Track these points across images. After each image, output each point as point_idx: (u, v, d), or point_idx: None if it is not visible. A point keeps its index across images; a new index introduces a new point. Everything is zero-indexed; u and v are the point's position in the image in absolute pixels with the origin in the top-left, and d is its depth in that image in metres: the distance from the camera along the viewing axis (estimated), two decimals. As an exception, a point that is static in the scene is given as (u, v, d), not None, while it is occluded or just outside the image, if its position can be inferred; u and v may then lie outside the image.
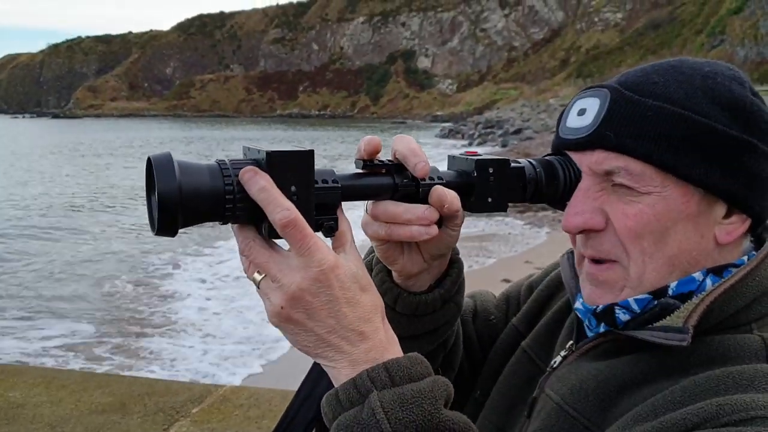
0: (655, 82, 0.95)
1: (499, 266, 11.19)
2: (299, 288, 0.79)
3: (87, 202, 21.84)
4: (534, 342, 1.21)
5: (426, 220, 0.92)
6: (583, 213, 0.97)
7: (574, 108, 1.01)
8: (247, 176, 0.79)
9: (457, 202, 0.94)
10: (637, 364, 0.95)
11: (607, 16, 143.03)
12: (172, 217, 0.76)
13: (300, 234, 0.78)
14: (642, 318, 0.97)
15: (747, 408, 0.80)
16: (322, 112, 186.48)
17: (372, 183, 0.92)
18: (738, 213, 0.96)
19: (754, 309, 0.93)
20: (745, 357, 0.89)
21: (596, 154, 0.95)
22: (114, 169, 31.32)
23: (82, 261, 13.81)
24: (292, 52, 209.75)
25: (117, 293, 11.40)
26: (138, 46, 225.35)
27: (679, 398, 0.86)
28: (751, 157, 0.93)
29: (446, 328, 1.14)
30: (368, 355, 0.82)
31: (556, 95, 74.43)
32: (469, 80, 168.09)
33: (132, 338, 8.98)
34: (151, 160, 0.78)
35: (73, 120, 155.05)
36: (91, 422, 4.27)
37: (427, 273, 1.07)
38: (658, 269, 0.95)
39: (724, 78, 0.96)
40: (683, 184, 0.92)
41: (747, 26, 68.03)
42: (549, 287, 1.28)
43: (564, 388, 1.02)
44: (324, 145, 52.83)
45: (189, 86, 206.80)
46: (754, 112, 0.94)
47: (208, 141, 62.14)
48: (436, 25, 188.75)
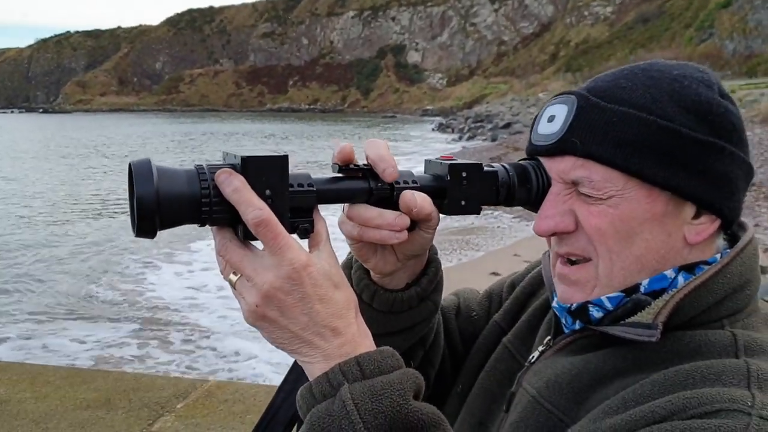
0: (622, 87, 0.97)
1: (488, 259, 11.21)
2: (272, 286, 0.81)
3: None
4: (515, 338, 1.23)
5: (396, 226, 0.95)
6: (553, 217, 1.00)
7: (545, 114, 1.03)
8: (222, 178, 0.80)
9: (427, 205, 0.96)
10: (611, 359, 0.97)
11: (597, 10, 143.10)
12: (150, 220, 0.79)
13: (272, 233, 0.80)
14: (615, 314, 0.99)
15: (713, 401, 0.81)
16: (312, 106, 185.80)
17: (347, 187, 0.94)
18: (707, 214, 0.97)
19: (726, 305, 0.95)
20: (714, 352, 0.91)
21: (564, 162, 0.98)
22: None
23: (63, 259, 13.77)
24: (281, 46, 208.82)
25: (100, 290, 11.36)
26: (127, 40, 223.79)
27: (648, 391, 0.88)
28: (717, 158, 0.94)
29: (423, 326, 1.16)
30: (341, 350, 0.84)
31: (546, 89, 74.47)
32: (459, 74, 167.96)
33: (119, 333, 8.95)
34: (131, 165, 0.80)
35: (62, 115, 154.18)
36: (75, 418, 4.27)
37: (403, 272, 1.10)
38: (626, 268, 0.97)
39: (692, 81, 0.97)
40: (648, 186, 0.94)
41: (735, 20, 68.21)
42: (530, 285, 1.30)
43: (540, 382, 1.04)
44: (311, 141, 52.57)
45: (178, 81, 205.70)
46: (720, 114, 0.95)
47: (201, 136, 61.78)
48: (426, 20, 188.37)
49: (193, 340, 8.67)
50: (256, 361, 7.70)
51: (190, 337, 8.79)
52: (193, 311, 9.93)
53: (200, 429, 4.15)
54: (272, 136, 61.48)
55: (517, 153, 26.62)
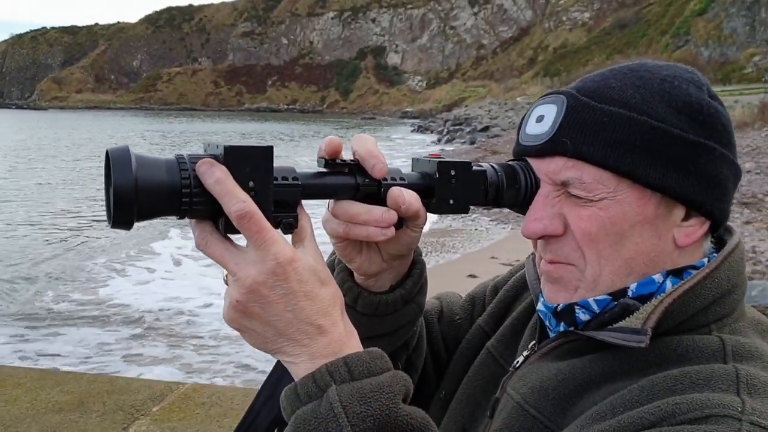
0: (612, 86, 0.96)
1: (465, 261, 11.22)
2: (255, 281, 0.79)
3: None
4: (499, 342, 1.22)
5: (384, 222, 0.92)
6: (542, 219, 0.98)
7: (533, 114, 1.02)
8: (203, 168, 0.78)
9: (416, 203, 0.94)
10: (597, 364, 0.96)
11: (575, 16, 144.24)
12: (128, 211, 0.76)
13: (256, 227, 0.78)
14: (602, 319, 0.98)
15: (702, 407, 0.81)
16: (291, 106, 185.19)
17: (333, 182, 0.92)
18: (697, 216, 0.96)
19: (713, 310, 0.94)
20: (703, 357, 0.90)
21: (554, 162, 0.96)
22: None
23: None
24: (261, 45, 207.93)
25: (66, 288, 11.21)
26: (105, 38, 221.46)
27: (636, 397, 0.87)
28: (708, 159, 0.94)
29: (407, 328, 1.14)
30: (327, 349, 0.82)
31: (524, 93, 74.89)
32: (438, 77, 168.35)
33: (90, 334, 8.84)
34: (108, 153, 0.77)
35: (38, 112, 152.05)
36: (47, 421, 4.19)
37: (388, 273, 1.07)
38: (615, 271, 0.96)
39: (682, 81, 0.96)
40: (639, 188, 0.93)
41: (711, 27, 69.18)
42: (514, 288, 1.29)
43: (525, 387, 1.03)
44: (292, 142, 52.39)
45: (156, 79, 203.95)
46: (711, 115, 0.95)
47: (180, 135, 61.23)
48: (406, 22, 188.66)
49: (171, 344, 8.57)
50: (233, 366, 7.64)
51: (164, 341, 8.69)
52: (167, 314, 9.82)
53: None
54: (254, 135, 61.12)
55: (495, 156, 26.73)
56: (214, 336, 8.56)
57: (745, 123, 24.93)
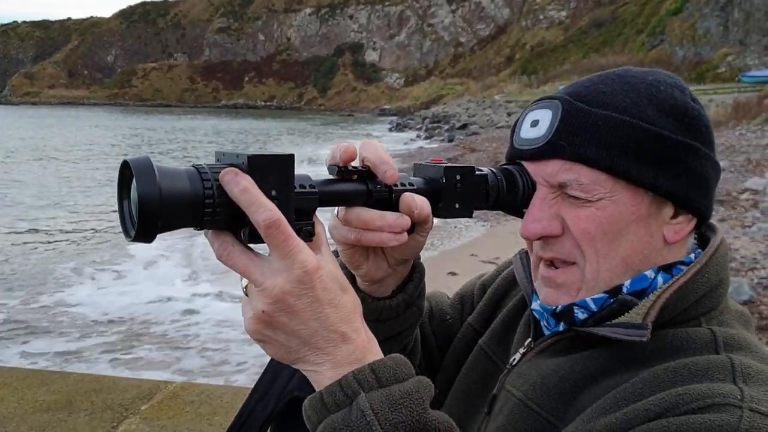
0: (603, 91, 0.99)
1: (444, 258, 11.26)
2: (282, 291, 0.78)
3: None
4: (490, 340, 1.24)
5: (398, 227, 0.93)
6: (540, 220, 1.00)
7: (527, 119, 1.04)
8: (228, 177, 0.77)
9: (427, 207, 0.96)
10: (596, 359, 0.98)
11: (552, 14, 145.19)
12: (153, 223, 0.74)
13: (283, 235, 0.77)
14: (600, 315, 1.00)
15: (704, 396, 0.83)
16: (268, 103, 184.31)
17: (347, 189, 0.92)
18: (684, 213, 1.01)
19: (703, 303, 0.98)
20: (697, 349, 0.93)
21: (551, 165, 0.99)
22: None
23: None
24: (237, 41, 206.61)
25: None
26: (78, 32, 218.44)
27: (639, 390, 0.89)
28: (695, 159, 0.98)
29: (408, 332, 1.16)
30: (352, 356, 0.81)
31: (502, 91, 75.23)
32: (416, 75, 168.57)
33: (79, 333, 8.77)
34: (129, 163, 0.76)
35: (8, 107, 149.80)
36: (35, 421, 4.16)
37: (392, 278, 1.09)
38: (612, 269, 0.99)
39: (667, 86, 1.00)
40: (633, 188, 0.97)
41: (686, 27, 69.87)
42: (502, 286, 1.31)
43: (526, 384, 1.04)
44: (275, 140, 52.11)
45: (131, 75, 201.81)
46: (695, 117, 0.99)
47: (148, 132, 60.56)
48: (384, 19, 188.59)
49: (158, 343, 8.54)
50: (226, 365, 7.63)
51: (154, 341, 8.65)
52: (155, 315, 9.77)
53: (166, 431, 4.10)
54: (224, 133, 60.63)
55: (474, 154, 26.83)
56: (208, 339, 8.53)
57: (719, 122, 25.30)
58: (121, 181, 0.78)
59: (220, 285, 10.46)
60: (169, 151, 38.34)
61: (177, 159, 33.60)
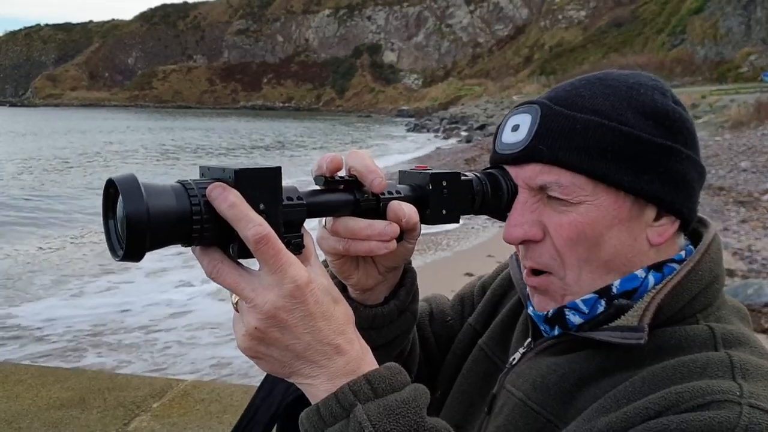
0: (582, 95, 1.00)
1: (460, 259, 11.22)
2: (274, 306, 0.78)
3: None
4: (490, 340, 1.24)
5: (386, 236, 0.93)
6: (522, 225, 1.01)
7: (508, 124, 1.04)
8: (215, 193, 0.76)
9: (415, 215, 0.95)
10: (595, 358, 0.99)
11: (571, 14, 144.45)
12: (142, 241, 0.73)
13: (273, 250, 0.77)
14: (597, 320, 1.01)
15: (704, 393, 0.84)
16: (286, 104, 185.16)
17: (334, 199, 0.92)
18: (667, 215, 1.01)
19: (699, 301, 0.98)
20: (695, 346, 0.94)
21: (530, 168, 0.99)
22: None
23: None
24: (256, 43, 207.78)
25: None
26: (99, 35, 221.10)
27: (639, 388, 0.90)
28: (675, 161, 0.98)
29: (403, 337, 1.15)
30: (346, 368, 0.81)
31: (520, 92, 75.03)
32: (434, 75, 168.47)
33: (92, 333, 8.84)
34: (114, 182, 0.75)
35: (30, 109, 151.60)
36: (49, 417, 4.20)
37: (382, 285, 1.08)
38: (593, 273, 1.00)
39: (647, 89, 1.00)
40: (614, 191, 0.97)
41: (707, 26, 69.22)
42: (501, 286, 1.32)
43: (526, 384, 1.05)
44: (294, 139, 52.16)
45: (151, 77, 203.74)
46: (676, 120, 0.99)
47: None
48: (402, 20, 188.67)
49: (168, 345, 8.58)
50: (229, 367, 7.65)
51: (165, 340, 8.70)
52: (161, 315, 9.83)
53: (177, 429, 4.11)
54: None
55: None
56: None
57: (741, 122, 25.01)
58: (105, 199, 0.77)
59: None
60: (231, 150, 38.27)
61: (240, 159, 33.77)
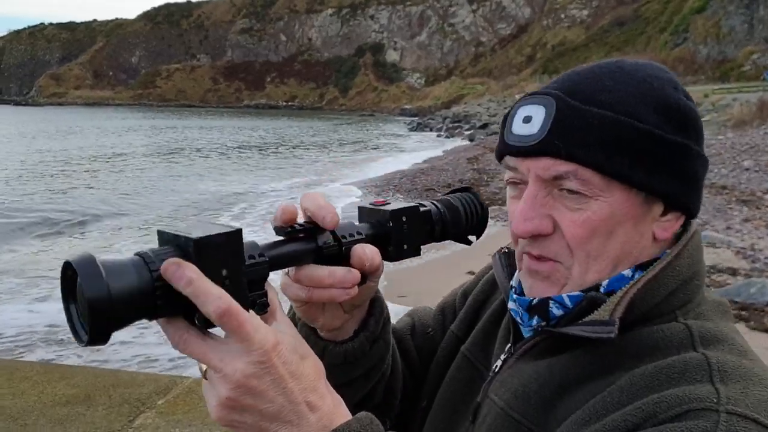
0: (596, 88, 0.98)
1: (460, 257, 11.23)
2: (243, 374, 0.77)
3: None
4: (473, 346, 1.23)
5: (348, 283, 0.93)
6: (533, 219, 0.99)
7: (519, 115, 1.02)
8: (170, 271, 0.74)
9: (378, 257, 0.96)
10: (574, 364, 0.98)
11: (573, 13, 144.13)
12: (107, 324, 0.71)
13: (237, 321, 0.76)
14: (572, 314, 1.00)
15: (681, 402, 0.83)
16: (290, 103, 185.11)
17: (296, 249, 0.91)
18: (673, 211, 1.00)
19: (677, 297, 0.98)
20: (672, 347, 0.93)
21: (543, 161, 0.97)
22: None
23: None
24: (259, 42, 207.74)
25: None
26: (103, 34, 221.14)
27: (618, 399, 0.89)
28: (686, 158, 0.98)
29: (379, 365, 1.15)
30: (319, 424, 0.82)
31: (522, 91, 74.69)
32: (437, 74, 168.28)
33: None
34: (71, 264, 0.72)
35: (35, 108, 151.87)
36: (54, 414, 4.25)
37: (350, 322, 1.09)
38: (601, 269, 0.99)
39: (660, 82, 0.99)
40: (627, 188, 0.96)
41: (709, 25, 69.01)
42: (483, 291, 1.31)
43: (507, 392, 1.04)
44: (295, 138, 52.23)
45: (155, 75, 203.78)
46: (687, 115, 0.99)
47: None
48: (405, 19, 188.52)
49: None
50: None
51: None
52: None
53: (181, 425, 4.16)
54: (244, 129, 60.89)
55: (494, 154, 26.68)
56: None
57: (744, 121, 24.99)
58: (64, 282, 0.75)
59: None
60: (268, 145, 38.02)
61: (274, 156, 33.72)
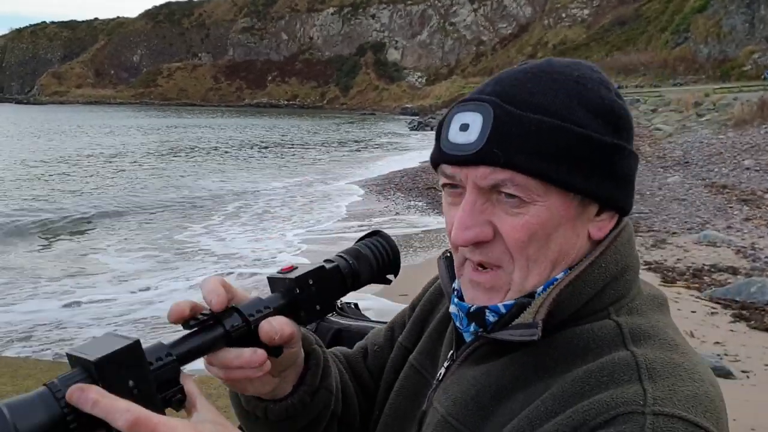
0: (531, 91, 0.98)
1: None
2: None
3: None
4: (419, 354, 1.24)
5: (255, 362, 0.93)
6: (472, 227, 0.98)
7: (455, 122, 1.01)
8: (75, 397, 0.75)
9: (287, 328, 0.96)
10: (509, 368, 0.99)
11: (574, 12, 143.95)
12: None
13: (147, 428, 0.76)
14: (504, 319, 1.01)
15: (609, 408, 0.84)
16: (291, 102, 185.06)
17: (204, 340, 0.92)
18: (608, 210, 1.02)
19: (608, 293, 0.98)
20: (604, 347, 0.93)
21: (481, 169, 0.97)
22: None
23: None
24: (261, 41, 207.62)
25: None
26: (104, 33, 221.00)
27: (551, 407, 0.89)
28: (621, 159, 0.99)
29: (324, 412, 1.17)
30: None
31: (524, 90, 74.54)
32: (438, 73, 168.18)
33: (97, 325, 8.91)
34: None
35: (37, 106, 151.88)
36: (58, 411, 4.27)
37: (285, 381, 1.10)
38: (540, 272, 0.99)
39: (593, 83, 1.00)
40: (564, 192, 0.96)
41: (710, 24, 68.92)
42: (430, 301, 1.31)
43: (448, 399, 1.05)
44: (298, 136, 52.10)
45: (156, 74, 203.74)
46: (621, 116, 1.00)
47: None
48: (406, 18, 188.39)
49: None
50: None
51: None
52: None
53: (183, 422, 4.18)
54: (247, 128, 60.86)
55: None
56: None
57: (744, 120, 25.00)
58: None
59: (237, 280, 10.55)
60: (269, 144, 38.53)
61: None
